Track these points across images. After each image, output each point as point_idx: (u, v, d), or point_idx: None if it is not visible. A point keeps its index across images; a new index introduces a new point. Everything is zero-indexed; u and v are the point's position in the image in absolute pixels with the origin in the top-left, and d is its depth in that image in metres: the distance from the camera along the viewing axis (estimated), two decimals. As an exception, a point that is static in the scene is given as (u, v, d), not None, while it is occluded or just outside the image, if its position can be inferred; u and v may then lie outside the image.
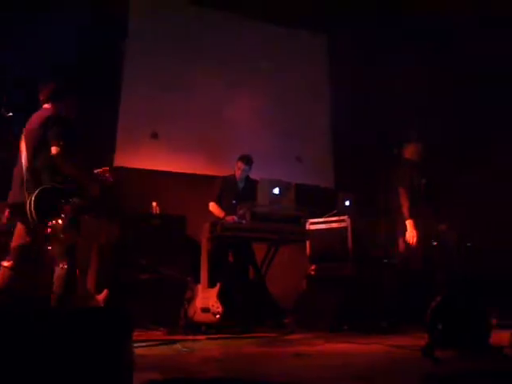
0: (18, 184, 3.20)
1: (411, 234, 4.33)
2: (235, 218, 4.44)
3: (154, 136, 5.77)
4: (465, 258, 4.36)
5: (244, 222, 4.42)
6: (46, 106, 3.42)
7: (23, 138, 3.31)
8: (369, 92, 6.30)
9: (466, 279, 3.39)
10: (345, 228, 5.24)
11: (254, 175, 5.12)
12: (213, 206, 4.96)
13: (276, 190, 4.58)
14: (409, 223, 4.35)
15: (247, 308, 4.53)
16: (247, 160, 5.03)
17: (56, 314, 1.78)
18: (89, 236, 4.39)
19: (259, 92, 6.30)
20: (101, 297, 3.89)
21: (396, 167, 4.74)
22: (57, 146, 3.13)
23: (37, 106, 3.46)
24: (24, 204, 3.02)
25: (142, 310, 4.31)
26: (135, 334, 3.29)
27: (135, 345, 2.39)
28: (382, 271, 5.36)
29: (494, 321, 3.60)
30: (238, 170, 5.04)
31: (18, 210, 3.13)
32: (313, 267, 5.29)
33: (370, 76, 6.25)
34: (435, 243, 4.15)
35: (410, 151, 4.67)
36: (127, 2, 5.90)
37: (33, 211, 2.98)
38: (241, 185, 5.07)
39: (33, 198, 3.00)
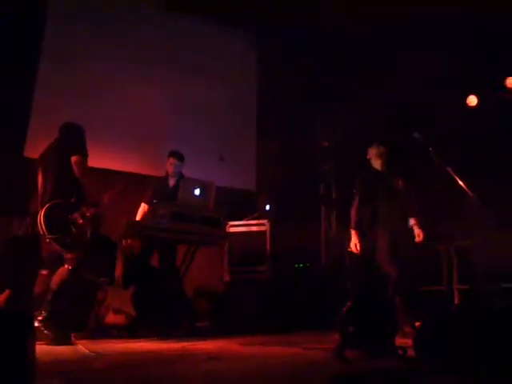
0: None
1: (353, 244, 4.27)
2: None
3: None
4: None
5: (163, 221, 4.32)
6: None
7: None
8: (296, 93, 6.42)
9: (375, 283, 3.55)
10: (264, 232, 5.31)
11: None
12: (140, 208, 4.82)
13: (197, 191, 4.53)
14: (353, 234, 4.28)
15: (162, 311, 4.43)
16: (179, 155, 4.91)
17: None
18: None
19: (183, 89, 6.22)
20: (1, 297, 3.62)
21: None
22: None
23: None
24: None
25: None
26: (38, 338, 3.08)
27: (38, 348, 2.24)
28: (299, 275, 5.49)
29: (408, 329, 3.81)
30: (169, 166, 4.90)
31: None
32: (230, 270, 5.30)
33: (297, 75, 6.39)
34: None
35: (372, 155, 4.47)
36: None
37: (42, 225, 3.33)
38: (172, 182, 4.93)
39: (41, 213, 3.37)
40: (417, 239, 4.15)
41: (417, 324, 3.24)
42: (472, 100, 5.79)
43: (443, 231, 5.32)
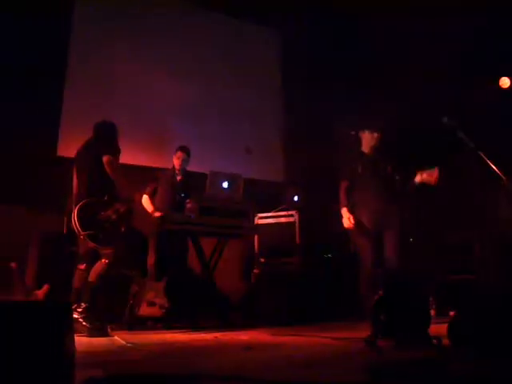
0: None
1: (344, 220, 4.14)
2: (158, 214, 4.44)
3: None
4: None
5: (193, 215, 4.37)
6: None
7: None
8: (321, 87, 6.38)
9: (407, 272, 3.50)
10: (293, 223, 5.31)
11: (203, 167, 5.07)
12: (145, 200, 4.86)
13: (225, 184, 4.56)
14: (342, 211, 4.17)
15: (194, 303, 4.50)
16: (187, 150, 4.96)
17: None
18: (26, 229, 4.23)
19: (209, 84, 6.26)
20: (41, 292, 3.74)
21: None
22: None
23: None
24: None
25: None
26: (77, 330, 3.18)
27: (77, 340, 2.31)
28: (328, 266, 5.48)
29: (433, 311, 3.77)
30: (177, 159, 4.93)
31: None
32: (261, 261, 5.33)
33: (324, 71, 6.35)
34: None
35: (363, 140, 4.41)
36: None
37: (76, 222, 3.47)
38: (178, 176, 4.98)
39: (75, 211, 3.52)
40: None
41: (451, 313, 3.20)
42: (505, 82, 5.62)
43: (477, 218, 5.21)
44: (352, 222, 4.01)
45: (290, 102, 6.77)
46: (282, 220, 5.34)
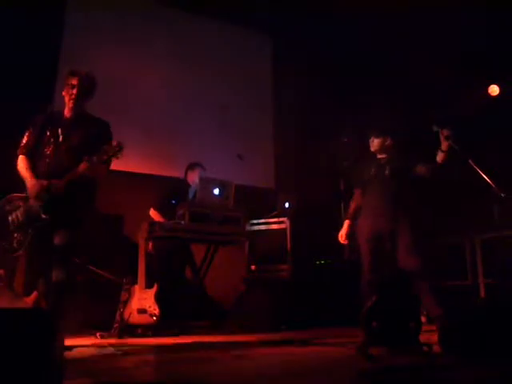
0: None
1: (340, 233, 4.17)
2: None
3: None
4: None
5: (183, 222, 4.36)
6: None
7: None
8: (312, 93, 6.42)
9: (399, 278, 3.49)
10: (284, 229, 5.31)
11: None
12: (152, 212, 4.83)
13: (216, 191, 4.55)
14: (345, 223, 4.21)
15: (185, 309, 4.47)
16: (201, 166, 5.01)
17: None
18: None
19: (201, 89, 6.26)
20: (30, 299, 3.68)
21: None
22: None
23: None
24: None
25: (75, 312, 4.13)
26: (67, 338, 3.14)
27: (66, 349, 2.28)
28: (320, 273, 5.48)
29: (424, 318, 3.77)
30: (195, 175, 4.90)
31: None
32: (251, 268, 5.31)
33: (314, 77, 6.38)
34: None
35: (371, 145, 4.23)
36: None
37: None
38: (193, 191, 4.90)
39: None
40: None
41: (441, 320, 3.20)
42: (494, 89, 5.67)
43: (467, 225, 5.24)
44: (343, 239, 4.07)
45: (281, 109, 6.79)
46: (274, 227, 5.34)
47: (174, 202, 4.80)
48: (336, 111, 6.36)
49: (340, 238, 4.10)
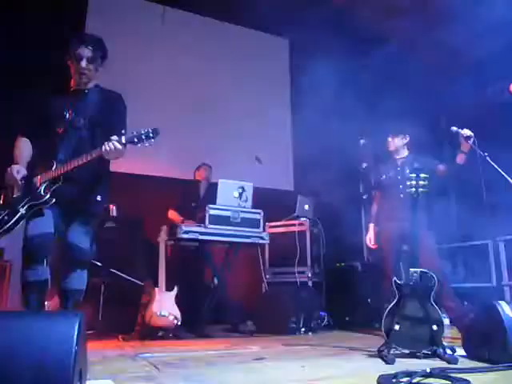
0: None
1: (367, 238, 4.29)
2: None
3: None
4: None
5: (203, 225, 4.38)
6: None
7: None
8: (330, 95, 6.39)
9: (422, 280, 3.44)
10: (304, 232, 5.29)
11: (214, 176, 5.11)
12: (171, 213, 4.89)
13: (235, 193, 4.56)
14: (369, 226, 4.28)
15: (205, 312, 4.49)
16: (209, 165, 5.20)
17: (4, 317, 1.70)
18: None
19: (219, 92, 6.29)
20: (52, 301, 3.75)
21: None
22: None
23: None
24: None
25: (96, 315, 4.19)
26: (89, 340, 3.18)
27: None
28: (339, 275, 5.44)
29: (447, 321, 3.71)
30: (204, 173, 5.11)
31: None
32: (271, 270, 5.31)
33: (332, 81, 6.35)
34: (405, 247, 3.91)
35: (391, 145, 4.23)
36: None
37: None
38: (203, 190, 5.08)
39: None
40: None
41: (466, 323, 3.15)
42: None
43: (490, 226, 5.14)
44: (372, 244, 4.11)
45: (301, 109, 6.78)
46: (293, 229, 5.33)
47: (193, 204, 4.84)
48: (355, 113, 6.32)
49: (368, 243, 4.13)
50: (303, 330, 4.51)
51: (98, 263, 4.44)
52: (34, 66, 4.83)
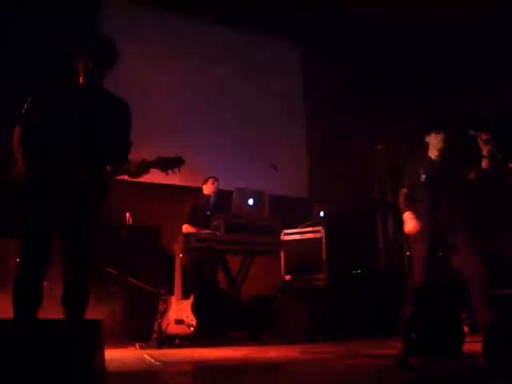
0: None
1: (408, 223, 3.82)
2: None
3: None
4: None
5: (218, 233, 4.39)
6: None
7: None
8: (345, 101, 6.40)
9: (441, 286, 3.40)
10: (319, 239, 5.26)
11: (229, 184, 5.11)
12: (186, 228, 4.89)
13: (251, 201, 4.57)
14: (405, 216, 3.86)
15: (222, 320, 4.49)
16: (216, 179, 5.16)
17: (22, 325, 1.72)
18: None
19: (234, 100, 6.33)
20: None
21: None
22: None
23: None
24: None
25: (114, 323, 4.22)
26: (107, 349, 3.20)
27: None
28: (355, 282, 5.40)
29: (467, 328, 3.66)
30: (213, 190, 5.06)
31: None
32: (287, 278, 5.29)
33: (346, 85, 6.36)
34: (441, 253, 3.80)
35: (430, 145, 4.00)
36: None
37: None
38: (211, 204, 5.04)
39: None
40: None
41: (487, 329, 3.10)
42: None
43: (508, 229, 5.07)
44: (417, 225, 3.75)
45: (315, 117, 6.79)
46: (309, 236, 5.30)
47: (208, 213, 4.85)
48: (369, 118, 6.31)
49: (414, 229, 3.76)
50: (320, 337, 4.48)
51: (115, 271, 4.48)
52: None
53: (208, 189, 5.12)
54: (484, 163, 3.60)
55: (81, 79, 2.61)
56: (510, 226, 5.09)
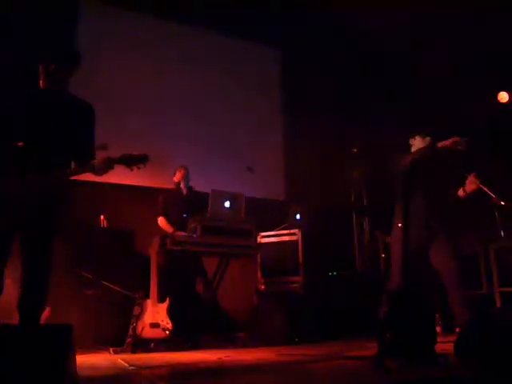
0: None
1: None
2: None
3: (103, 147, 5.53)
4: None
5: (195, 235, 4.37)
6: None
7: None
8: (322, 104, 6.44)
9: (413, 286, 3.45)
10: (296, 241, 5.28)
11: (205, 186, 5.08)
12: (161, 221, 4.88)
13: (227, 203, 4.56)
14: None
15: (198, 323, 4.46)
16: (185, 167, 5.12)
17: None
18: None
19: (209, 102, 6.30)
20: (43, 315, 3.70)
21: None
22: None
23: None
24: None
25: (87, 327, 4.14)
26: (79, 353, 3.14)
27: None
28: (332, 284, 5.44)
29: (439, 328, 3.72)
30: (181, 176, 5.04)
31: None
32: (264, 281, 5.29)
33: (324, 88, 6.40)
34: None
35: (414, 146, 3.98)
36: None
37: None
38: (184, 192, 5.04)
39: None
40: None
41: (457, 329, 3.15)
42: (503, 96, 5.58)
43: (480, 233, 5.18)
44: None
45: (291, 118, 6.81)
46: (285, 239, 5.32)
47: (184, 215, 4.82)
48: (345, 122, 6.37)
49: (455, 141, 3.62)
50: (296, 340, 4.49)
51: (89, 275, 4.41)
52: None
53: (177, 177, 5.09)
54: (461, 194, 3.74)
55: (41, 83, 2.67)
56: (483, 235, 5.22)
